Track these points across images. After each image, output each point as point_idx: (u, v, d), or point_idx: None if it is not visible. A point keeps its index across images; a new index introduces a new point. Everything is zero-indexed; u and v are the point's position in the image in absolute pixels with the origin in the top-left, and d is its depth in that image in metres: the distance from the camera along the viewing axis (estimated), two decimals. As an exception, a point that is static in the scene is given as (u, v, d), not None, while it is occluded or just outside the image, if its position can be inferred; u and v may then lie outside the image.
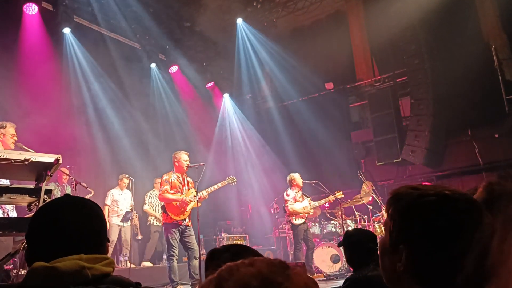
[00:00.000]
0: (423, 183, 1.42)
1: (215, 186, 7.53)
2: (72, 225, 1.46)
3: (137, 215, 9.72)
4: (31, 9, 8.68)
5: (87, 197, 7.83)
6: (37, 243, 1.45)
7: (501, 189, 1.20)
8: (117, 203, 9.62)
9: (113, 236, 9.34)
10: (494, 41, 10.54)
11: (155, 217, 10.11)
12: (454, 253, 1.14)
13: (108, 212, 9.50)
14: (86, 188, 7.88)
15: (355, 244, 3.30)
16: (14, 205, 5.60)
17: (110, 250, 9.21)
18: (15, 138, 5.49)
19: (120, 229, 9.48)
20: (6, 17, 8.59)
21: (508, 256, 0.44)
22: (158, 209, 10.01)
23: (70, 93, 9.73)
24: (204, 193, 7.34)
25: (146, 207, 10.21)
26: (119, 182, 9.73)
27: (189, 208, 7.11)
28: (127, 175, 9.56)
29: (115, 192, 9.71)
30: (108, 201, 9.58)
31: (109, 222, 9.39)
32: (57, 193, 7.99)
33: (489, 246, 1.10)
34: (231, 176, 7.95)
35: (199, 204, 7.17)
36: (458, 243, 1.14)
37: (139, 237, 10.06)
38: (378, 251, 1.34)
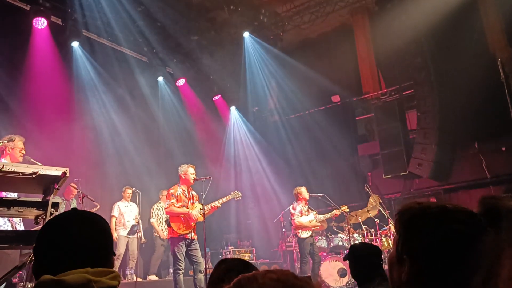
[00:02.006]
0: (432, 200, 1.46)
1: (220, 201, 7.51)
2: (79, 239, 1.47)
3: (140, 221, 9.67)
4: (40, 23, 8.80)
5: (93, 210, 7.91)
6: (44, 257, 1.46)
7: (496, 203, 1.23)
8: (124, 215, 9.64)
9: (121, 249, 9.33)
10: (500, 54, 10.52)
11: (158, 234, 10.08)
12: (456, 264, 1.17)
13: (115, 224, 9.52)
14: (93, 201, 7.91)
15: (361, 259, 3.28)
16: (21, 218, 5.63)
17: (118, 262, 9.21)
18: (23, 151, 5.54)
19: (128, 242, 9.49)
20: (16, 31, 8.73)
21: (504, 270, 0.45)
22: (164, 222, 10.01)
23: (78, 106, 9.81)
24: (215, 203, 7.31)
25: (152, 220, 10.21)
26: (123, 194, 9.76)
27: (193, 222, 7.11)
28: (130, 187, 9.60)
29: (121, 204, 9.73)
30: (115, 212, 9.59)
31: (117, 234, 9.41)
32: (61, 208, 8.02)
33: (496, 262, 1.11)
34: (236, 191, 7.94)
35: (204, 218, 7.14)
36: (459, 254, 1.17)
37: (143, 240, 9.99)
38: (387, 265, 1.38)
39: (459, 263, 1.17)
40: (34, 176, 3.67)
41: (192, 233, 7.10)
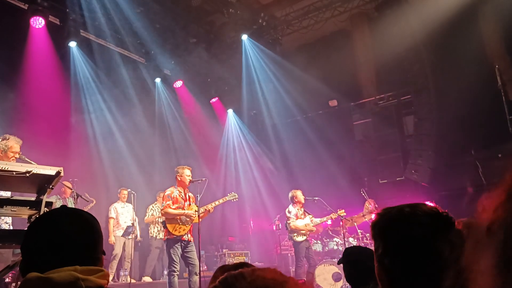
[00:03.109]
0: (425, 202, 1.49)
1: (217, 202, 7.51)
2: (68, 236, 1.45)
3: (136, 218, 9.63)
4: (38, 23, 8.77)
5: (88, 206, 7.86)
6: (32, 254, 1.44)
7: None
8: (120, 216, 9.62)
9: (117, 249, 9.32)
10: (498, 62, 10.56)
11: (157, 227, 10.06)
12: (415, 266, 1.22)
13: (113, 225, 9.51)
14: (87, 201, 7.88)
15: (354, 262, 3.26)
16: (11, 221, 5.58)
17: (115, 263, 9.20)
18: (17, 155, 5.34)
19: (124, 243, 9.47)
20: (13, 30, 8.70)
21: (477, 275, 0.45)
22: (158, 224, 10.00)
23: (74, 106, 9.79)
24: (209, 206, 7.32)
25: (146, 218, 10.19)
26: (118, 195, 9.75)
27: (189, 223, 7.09)
28: (126, 188, 9.58)
29: (118, 206, 9.72)
30: (112, 214, 9.58)
31: (114, 236, 9.40)
32: (58, 205, 7.98)
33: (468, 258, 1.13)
34: (232, 193, 7.93)
35: (200, 220, 7.14)
36: (418, 257, 1.22)
37: (139, 238, 9.95)
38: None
39: (419, 267, 1.23)
40: (28, 175, 3.65)
41: (189, 235, 7.09)
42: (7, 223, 5.47)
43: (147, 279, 9.61)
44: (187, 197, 7.31)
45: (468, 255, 0.53)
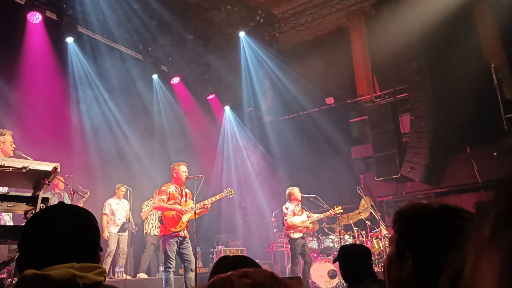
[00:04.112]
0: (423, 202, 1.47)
1: (213, 198, 7.49)
2: (65, 233, 1.44)
3: (131, 217, 9.62)
4: (35, 18, 8.72)
5: (84, 198, 7.83)
6: (29, 250, 1.44)
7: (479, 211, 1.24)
8: (115, 213, 9.60)
9: (112, 246, 9.30)
10: (494, 60, 10.61)
11: (151, 223, 10.07)
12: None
13: (107, 221, 9.48)
14: (83, 196, 7.87)
15: (351, 259, 3.28)
16: (11, 216, 5.58)
17: (110, 259, 9.19)
18: (14, 145, 5.48)
19: (118, 239, 9.45)
20: (9, 25, 8.65)
21: (479, 283, 0.45)
22: (153, 219, 10.00)
23: (71, 102, 9.77)
24: (208, 201, 7.30)
25: (142, 213, 10.18)
26: (116, 191, 9.70)
27: (185, 219, 7.07)
28: (124, 184, 9.55)
29: (113, 202, 9.67)
30: (106, 210, 9.54)
31: (108, 232, 9.38)
32: (54, 201, 7.97)
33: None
34: (229, 189, 7.92)
35: (197, 217, 7.14)
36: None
37: (134, 227, 9.93)
38: (384, 266, 1.38)
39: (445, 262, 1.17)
40: (24, 170, 3.64)
41: (185, 231, 7.08)
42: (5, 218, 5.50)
43: (142, 275, 9.61)
44: (184, 193, 7.30)
45: (469, 260, 0.53)
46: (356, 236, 9.40)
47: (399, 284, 1.27)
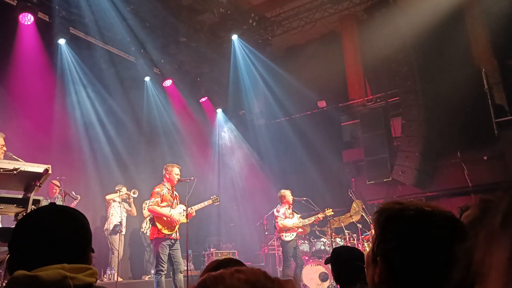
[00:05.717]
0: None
1: (200, 205, 7.52)
2: (56, 234, 1.44)
3: (124, 219, 9.58)
4: (27, 19, 8.67)
5: (74, 203, 7.81)
6: (19, 251, 1.43)
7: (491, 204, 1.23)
8: (111, 213, 9.59)
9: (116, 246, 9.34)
10: (485, 65, 10.70)
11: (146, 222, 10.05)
12: (428, 267, 1.15)
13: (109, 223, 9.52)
14: (74, 199, 7.84)
15: (343, 262, 3.28)
16: (0, 218, 5.54)
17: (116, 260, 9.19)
18: (4, 148, 5.44)
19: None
20: (1, 27, 8.60)
21: (490, 269, 0.46)
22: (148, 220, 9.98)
23: (63, 104, 9.72)
24: (193, 208, 7.31)
25: (144, 211, 10.14)
26: (117, 191, 9.64)
27: (179, 223, 7.09)
28: (124, 186, 9.55)
29: (115, 204, 9.63)
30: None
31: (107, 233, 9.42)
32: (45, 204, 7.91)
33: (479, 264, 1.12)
34: (215, 196, 7.95)
35: (187, 220, 7.12)
36: (431, 259, 1.16)
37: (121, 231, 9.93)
38: (365, 264, 1.37)
39: (431, 268, 1.15)
40: (15, 172, 3.63)
41: (177, 233, 7.10)
42: None
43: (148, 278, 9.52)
44: (175, 195, 7.31)
45: (481, 247, 0.54)
46: (347, 239, 9.41)
47: (373, 286, 1.27)
